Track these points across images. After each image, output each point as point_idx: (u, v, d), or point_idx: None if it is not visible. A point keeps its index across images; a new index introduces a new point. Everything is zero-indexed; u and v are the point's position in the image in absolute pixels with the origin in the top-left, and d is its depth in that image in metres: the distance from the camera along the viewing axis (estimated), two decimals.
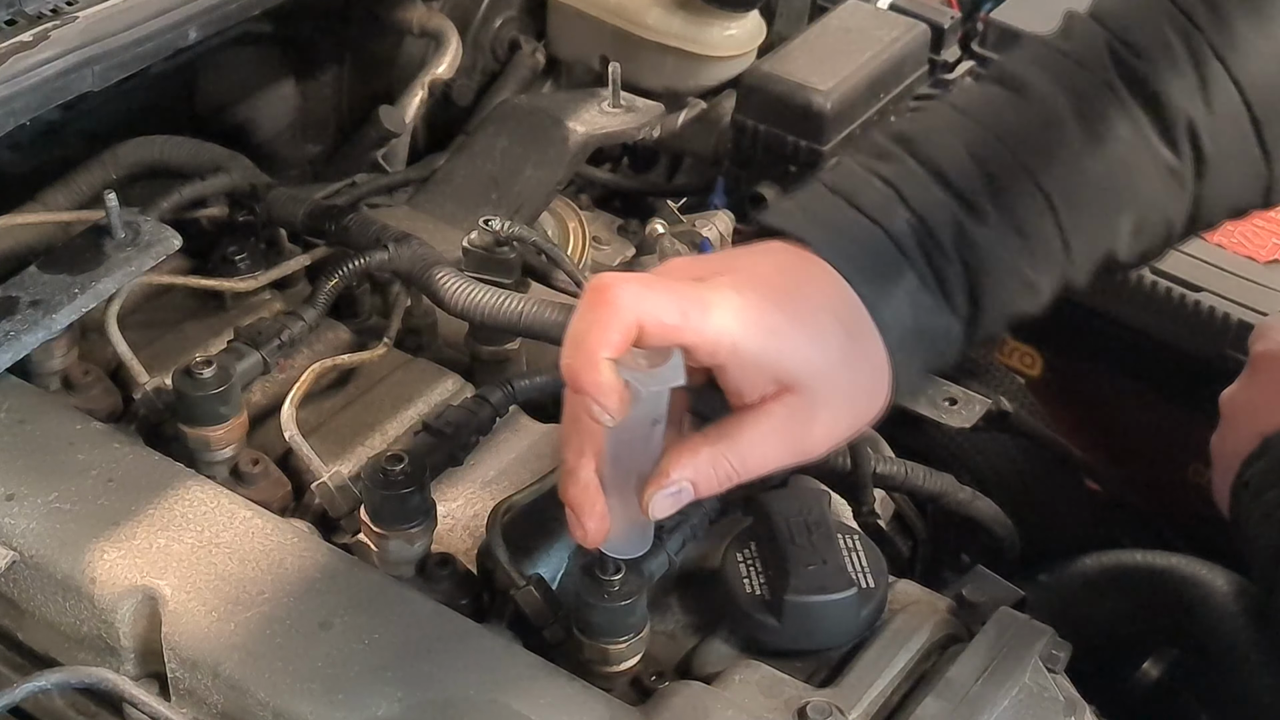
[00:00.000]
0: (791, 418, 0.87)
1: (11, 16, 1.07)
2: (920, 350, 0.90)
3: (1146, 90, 0.93)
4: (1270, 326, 1.12)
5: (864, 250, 0.89)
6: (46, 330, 1.03)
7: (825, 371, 0.87)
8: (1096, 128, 0.93)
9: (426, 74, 1.49)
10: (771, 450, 0.88)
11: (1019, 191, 0.91)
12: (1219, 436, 1.09)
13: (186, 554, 0.93)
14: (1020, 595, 0.97)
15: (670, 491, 0.87)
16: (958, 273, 0.90)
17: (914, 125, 0.96)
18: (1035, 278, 0.92)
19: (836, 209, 0.91)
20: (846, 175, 0.93)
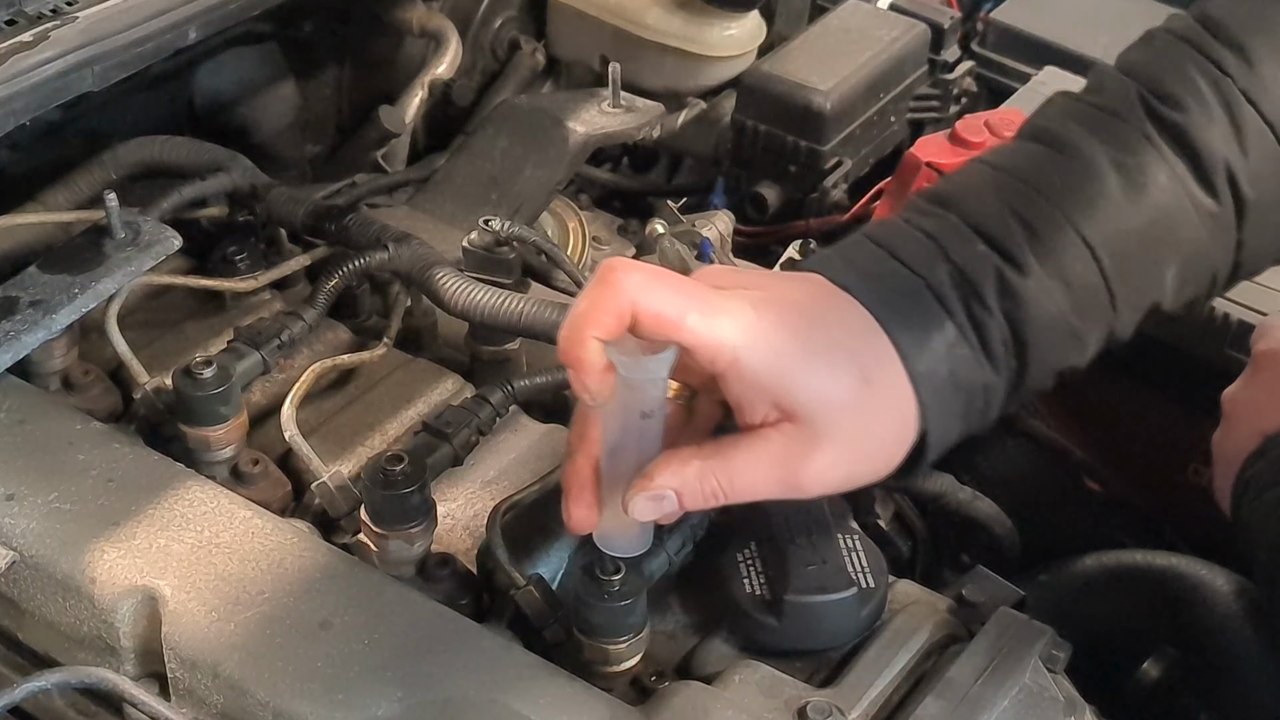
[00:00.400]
0: (788, 449, 0.86)
1: (11, 16, 1.07)
2: (958, 405, 0.89)
3: (1183, 138, 0.92)
4: (1272, 325, 1.12)
5: (903, 299, 0.88)
6: (46, 330, 1.03)
7: (831, 409, 0.86)
8: (1136, 178, 0.92)
9: (426, 74, 1.49)
10: (762, 477, 0.87)
11: (1062, 244, 0.90)
12: (1220, 435, 1.09)
13: (186, 554, 0.93)
14: (1020, 595, 0.97)
15: (652, 495, 0.86)
16: (1000, 325, 0.89)
17: (952, 184, 0.96)
18: (1081, 329, 0.92)
19: (877, 259, 0.90)
20: (888, 228, 0.93)
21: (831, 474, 0.88)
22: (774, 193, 1.52)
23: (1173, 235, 0.93)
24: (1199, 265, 0.95)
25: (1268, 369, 1.09)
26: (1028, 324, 0.89)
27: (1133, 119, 0.94)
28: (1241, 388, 1.10)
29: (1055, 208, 0.91)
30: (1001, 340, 0.89)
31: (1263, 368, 1.10)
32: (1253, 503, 1.02)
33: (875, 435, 0.88)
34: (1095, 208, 0.91)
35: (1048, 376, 0.93)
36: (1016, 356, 0.90)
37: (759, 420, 0.86)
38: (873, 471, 0.89)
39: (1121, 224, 0.92)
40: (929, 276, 0.89)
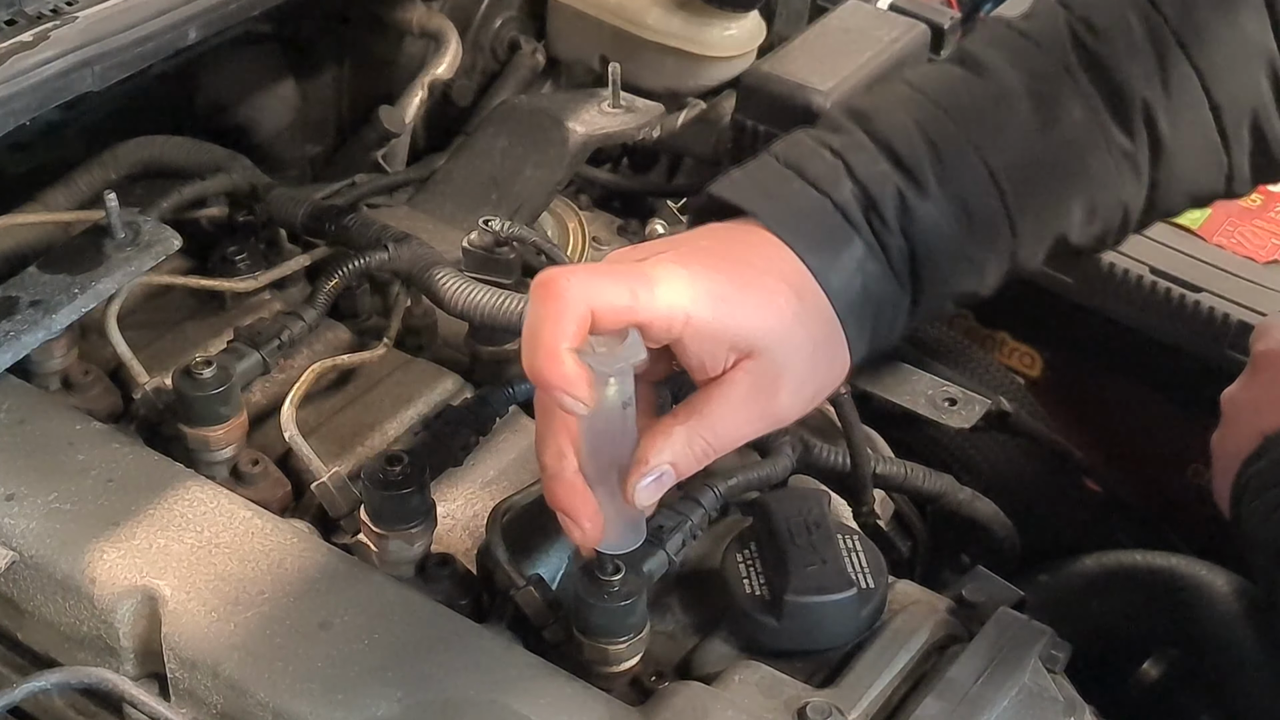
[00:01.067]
0: (756, 384, 0.87)
1: (11, 16, 1.07)
2: (869, 318, 0.90)
3: (1103, 73, 0.93)
4: (1271, 326, 1.12)
5: (810, 220, 0.89)
6: (46, 330, 1.03)
7: (781, 333, 0.87)
8: (1050, 109, 0.93)
9: (426, 74, 1.49)
10: (742, 419, 0.88)
11: (964, 166, 0.91)
12: (1220, 436, 1.09)
13: (186, 554, 0.93)
14: (1020, 595, 0.97)
15: (652, 478, 0.87)
16: (899, 244, 0.90)
17: (868, 101, 0.97)
18: (978, 255, 0.93)
19: (784, 180, 0.91)
20: (795, 147, 0.94)
21: (801, 394, 0.89)
22: None
23: (1082, 170, 0.93)
24: (1108, 201, 0.95)
25: (1267, 369, 1.09)
26: (923, 244, 0.90)
27: (1057, 49, 0.94)
28: (1240, 388, 1.10)
29: (962, 132, 0.92)
30: (900, 259, 0.90)
31: (1262, 368, 1.10)
32: (1252, 503, 1.02)
33: (821, 347, 0.89)
34: (1002, 135, 0.92)
35: (944, 299, 0.94)
36: (912, 276, 0.91)
37: (720, 368, 0.87)
38: (832, 380, 0.91)
39: (1028, 153, 0.92)
40: (834, 195, 0.90)
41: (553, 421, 0.87)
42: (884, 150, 0.91)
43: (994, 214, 0.92)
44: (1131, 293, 1.29)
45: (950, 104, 0.93)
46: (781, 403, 0.88)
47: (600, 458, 0.88)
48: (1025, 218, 0.93)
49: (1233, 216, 1.35)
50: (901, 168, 0.91)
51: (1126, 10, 0.95)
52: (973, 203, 0.91)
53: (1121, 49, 0.94)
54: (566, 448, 0.87)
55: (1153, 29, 0.94)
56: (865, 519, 1.09)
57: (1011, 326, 1.38)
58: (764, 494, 1.01)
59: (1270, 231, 1.33)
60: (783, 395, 0.88)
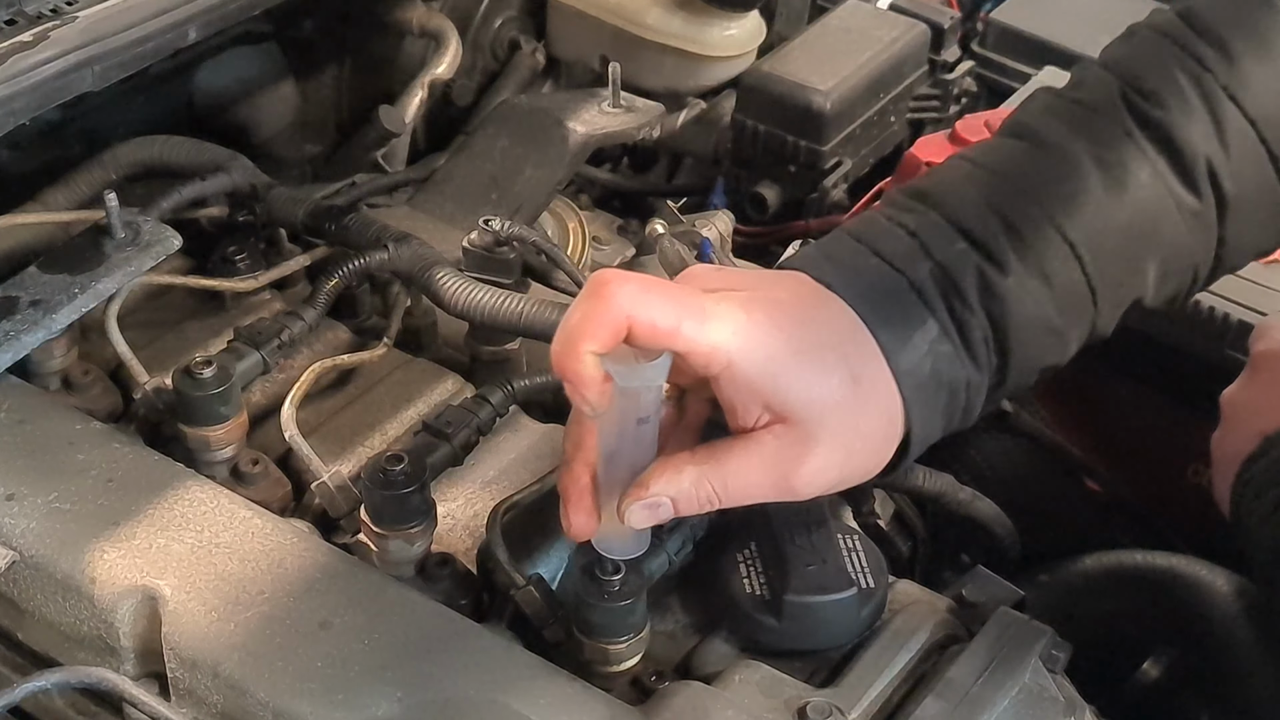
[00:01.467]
0: (781, 451, 0.86)
1: (11, 16, 1.07)
2: (940, 401, 0.89)
3: (1163, 134, 0.93)
4: (1271, 326, 1.12)
5: (885, 296, 0.88)
6: (46, 330, 1.03)
7: (823, 410, 0.86)
8: (1117, 174, 0.92)
9: (426, 74, 1.49)
10: (756, 481, 0.87)
11: (1043, 241, 0.90)
12: (1219, 436, 1.09)
13: (186, 554, 0.93)
14: (1020, 595, 0.97)
15: (648, 504, 0.87)
16: (981, 324, 0.89)
17: (932, 180, 0.96)
18: (1062, 327, 0.92)
19: (859, 255, 0.90)
20: (870, 224, 0.93)
21: (824, 476, 0.88)
22: (774, 193, 1.52)
23: (1154, 232, 0.93)
24: (1180, 261, 0.95)
25: (1266, 370, 1.09)
26: (1009, 322, 0.90)
27: (1114, 115, 0.94)
28: (1240, 389, 1.10)
29: (1036, 205, 0.91)
30: (983, 338, 0.89)
31: (1261, 368, 1.10)
32: (1252, 503, 1.02)
33: (864, 434, 0.88)
34: (1077, 205, 0.92)
35: (1030, 374, 0.93)
36: (998, 354, 0.90)
37: (752, 422, 0.87)
38: (863, 470, 0.90)
39: (1103, 221, 0.92)
40: (910, 274, 0.89)
41: (577, 414, 0.88)
42: (958, 229, 0.91)
43: (1075, 283, 0.91)
44: None
45: (1018, 178, 0.93)
46: (801, 476, 0.87)
47: (613, 465, 0.88)
48: (1105, 286, 0.92)
49: None
50: (978, 246, 0.90)
51: (1174, 70, 0.94)
52: (1056, 277, 0.91)
53: (1176, 110, 0.93)
54: (586, 441, 0.88)
55: (1203, 86, 0.94)
56: (865, 519, 1.09)
57: None
58: None
59: None
60: (805, 470, 0.87)
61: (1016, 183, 0.93)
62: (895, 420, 0.88)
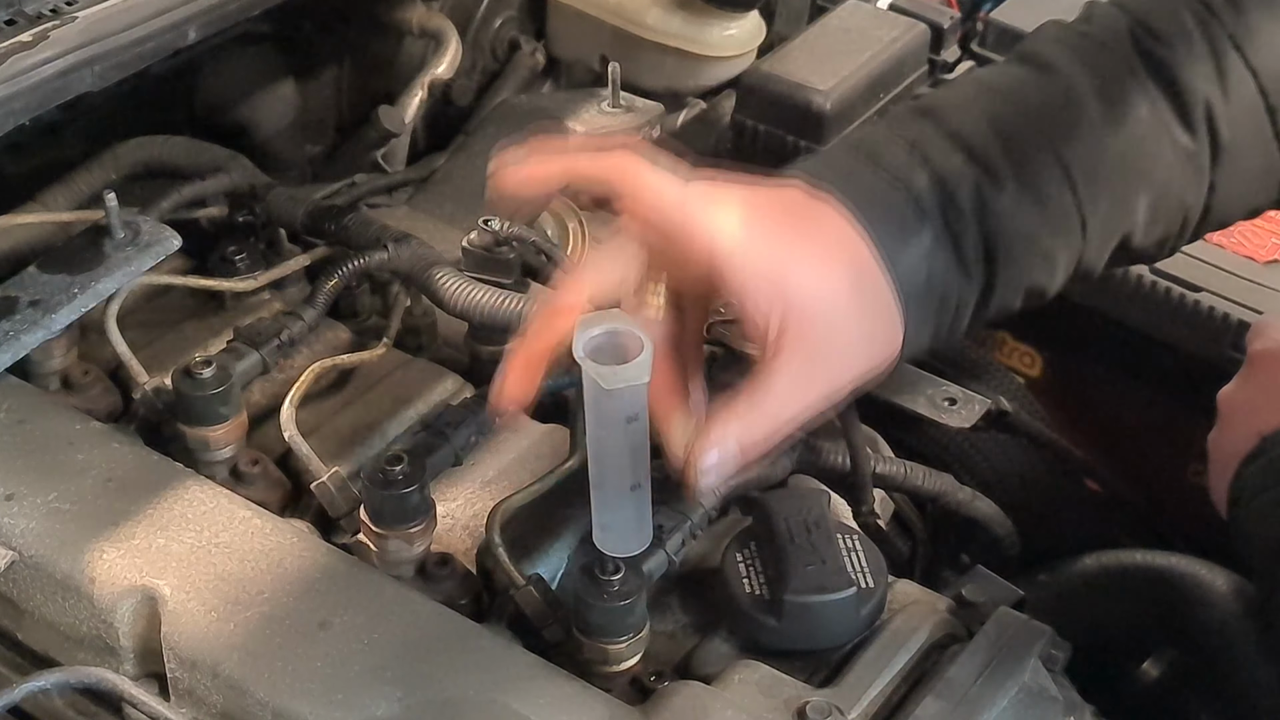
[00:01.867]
0: (811, 359, 0.86)
1: (11, 16, 1.07)
2: (932, 309, 0.91)
3: (1166, 73, 0.94)
4: (1267, 324, 1.12)
5: (883, 204, 0.89)
6: (46, 330, 1.03)
7: (833, 306, 0.87)
8: (1117, 106, 0.94)
9: (426, 74, 1.49)
10: (802, 392, 0.87)
11: (1039, 162, 0.92)
12: (1216, 435, 1.09)
13: (186, 554, 0.93)
14: (1020, 595, 0.97)
15: (715, 459, 0.85)
16: (974, 236, 0.90)
17: (938, 97, 0.98)
18: (1051, 248, 0.93)
19: (859, 163, 0.92)
20: (871, 135, 0.94)
21: (854, 366, 0.88)
22: None
23: (1147, 167, 0.94)
24: (1171, 201, 0.96)
25: (1263, 369, 1.09)
26: (999, 236, 0.91)
27: (1120, 50, 0.96)
28: (1237, 388, 1.10)
29: (1035, 127, 0.93)
30: (974, 250, 0.91)
31: (1258, 368, 1.10)
32: (1250, 504, 1.02)
33: (873, 328, 0.89)
34: (1074, 131, 0.93)
35: (1015, 293, 0.94)
36: (986, 268, 0.91)
37: (765, 324, 0.86)
38: (880, 365, 0.90)
39: (1098, 149, 0.93)
40: (908, 183, 0.90)
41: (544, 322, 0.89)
42: (959, 144, 0.92)
43: (1067, 207, 0.93)
44: (1131, 292, 1.29)
45: (1021, 101, 0.94)
46: (837, 372, 0.88)
47: (604, 465, 0.88)
48: (1095, 213, 0.94)
49: None
50: (976, 161, 0.91)
51: (1183, 13, 0.96)
52: (1047, 195, 0.92)
53: (1181, 51, 0.95)
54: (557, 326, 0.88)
55: (1209, 31, 0.95)
56: (865, 519, 1.09)
57: (1011, 326, 1.38)
58: (764, 493, 1.00)
59: (1270, 231, 1.33)
60: (836, 365, 0.87)
61: (1018, 105, 0.94)
62: (895, 323, 0.89)
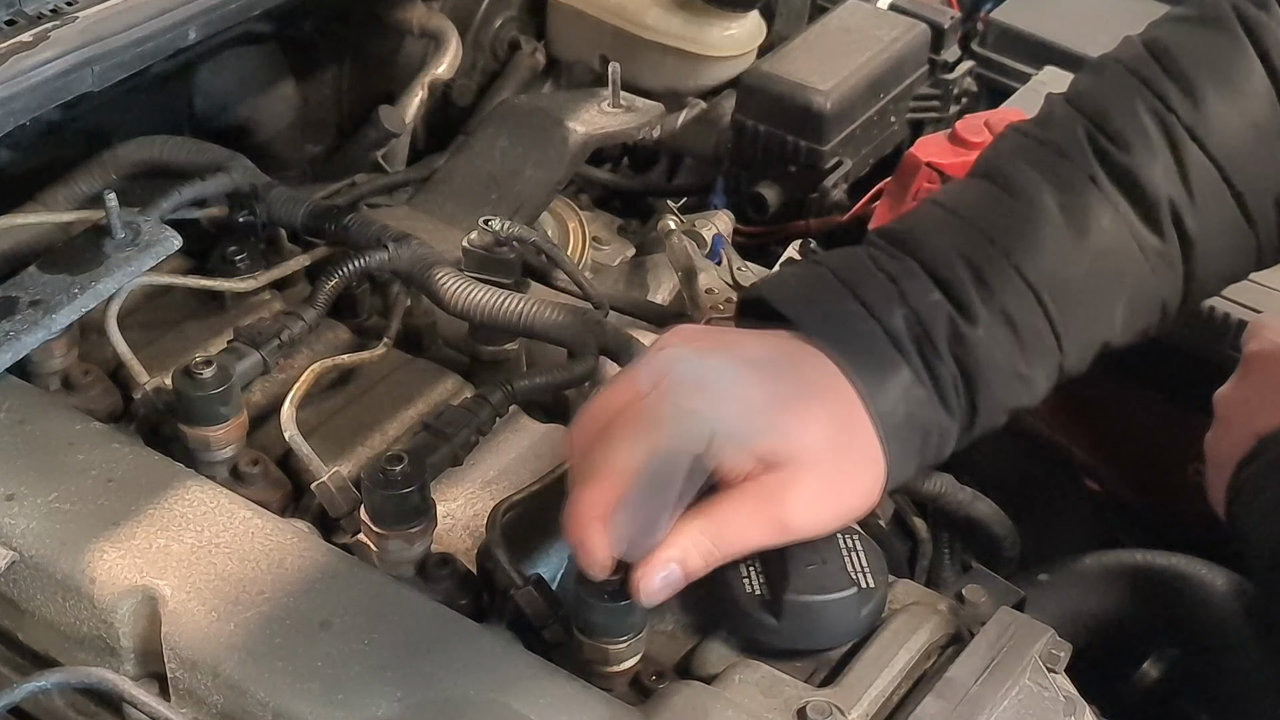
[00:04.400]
0: (770, 493, 0.88)
1: (11, 16, 1.07)
2: (914, 443, 0.93)
3: (1127, 178, 0.96)
4: (1263, 325, 1.12)
5: (862, 343, 0.92)
6: (46, 330, 1.03)
7: (807, 452, 0.88)
8: (1080, 220, 0.95)
9: (426, 74, 1.49)
10: (748, 524, 0.89)
11: (1009, 289, 0.94)
12: (1213, 437, 1.09)
13: (186, 554, 0.93)
14: (1020, 595, 0.97)
15: (661, 574, 0.87)
16: (951, 371, 0.93)
17: (908, 226, 0.99)
18: (1028, 372, 0.95)
19: (839, 298, 0.94)
20: (853, 265, 0.96)
21: (815, 512, 0.90)
22: (774, 193, 1.52)
23: (1118, 274, 0.96)
24: (1147, 300, 0.98)
25: (1259, 370, 1.09)
26: (977, 370, 0.93)
27: (1079, 158, 0.97)
28: (1233, 389, 1.10)
29: (1001, 253, 0.94)
30: (953, 384, 0.93)
31: (1254, 369, 1.10)
32: (1248, 505, 1.02)
33: (850, 474, 0.91)
34: (1039, 251, 0.95)
35: (998, 415, 0.96)
36: (968, 399, 0.94)
37: (742, 475, 0.88)
38: (852, 510, 0.92)
39: (1065, 266, 0.95)
40: (886, 321, 0.92)
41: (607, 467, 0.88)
42: (933, 278, 0.94)
43: (1040, 330, 0.95)
44: None
45: (985, 225, 0.96)
46: (793, 514, 0.89)
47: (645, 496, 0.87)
48: (1070, 330, 0.95)
49: None
50: (950, 295, 0.93)
51: (1140, 110, 0.97)
52: (1020, 322, 0.94)
53: (1140, 153, 0.96)
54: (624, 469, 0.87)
55: (1166, 126, 0.96)
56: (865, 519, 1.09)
57: None
58: None
59: None
60: (794, 507, 0.88)
61: (982, 229, 0.95)
62: (877, 460, 0.91)
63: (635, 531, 0.87)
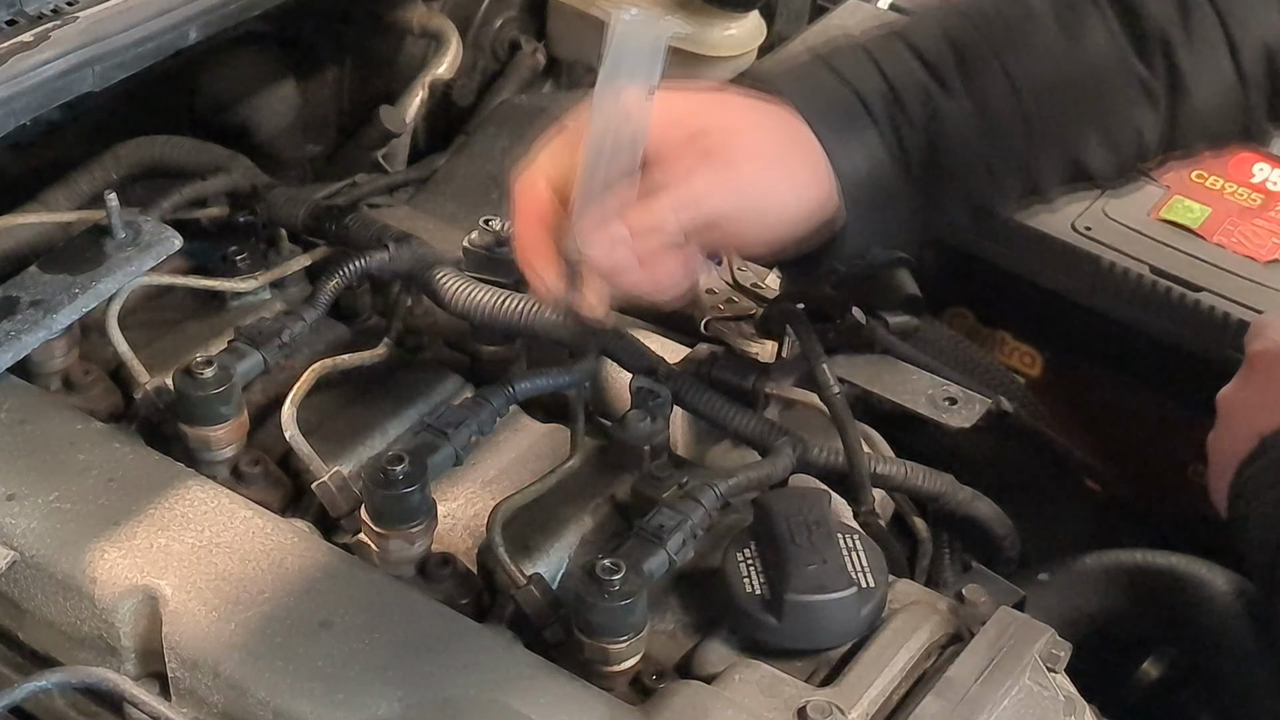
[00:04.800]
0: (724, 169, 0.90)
1: (12, 16, 1.07)
2: (875, 207, 0.95)
3: (1127, 5, 0.97)
4: (1266, 325, 1.12)
5: (831, 104, 0.94)
6: (47, 330, 1.04)
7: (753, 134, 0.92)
8: (1073, 30, 0.96)
9: (426, 74, 1.49)
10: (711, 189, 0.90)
11: (987, 72, 0.96)
12: (1215, 436, 1.09)
13: (187, 554, 0.93)
14: (1020, 595, 0.97)
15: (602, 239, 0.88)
16: (919, 140, 0.94)
17: (905, 17, 1.03)
18: (996, 163, 0.96)
19: (815, 67, 0.97)
20: (832, 44, 0.99)
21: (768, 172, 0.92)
22: None
23: (1099, 93, 0.97)
24: (1125, 129, 0.98)
25: (1262, 370, 1.09)
26: (946, 144, 0.95)
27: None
28: (1235, 389, 1.10)
29: (987, 41, 0.97)
30: (919, 155, 0.95)
31: (1257, 368, 1.10)
32: (1250, 504, 1.02)
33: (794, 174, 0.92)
34: (1026, 49, 0.96)
35: (960, 204, 0.98)
36: (933, 175, 0.96)
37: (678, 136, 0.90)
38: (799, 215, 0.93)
39: (1049, 70, 0.96)
40: (860, 87, 0.95)
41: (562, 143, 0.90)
42: (913, 52, 0.96)
43: (1012, 122, 0.96)
44: (1131, 292, 1.29)
45: (978, 16, 0.97)
46: (748, 191, 0.91)
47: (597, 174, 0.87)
48: (1042, 133, 0.96)
49: (1233, 216, 1.35)
50: (929, 69, 0.95)
51: None
52: (993, 108, 0.95)
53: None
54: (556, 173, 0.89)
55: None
56: (865, 519, 1.09)
57: (1011, 326, 1.38)
58: (764, 493, 1.01)
59: (1270, 231, 1.33)
60: (748, 185, 0.91)
61: (975, 21, 0.97)
62: (821, 180, 0.93)
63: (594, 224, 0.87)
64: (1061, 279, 1.32)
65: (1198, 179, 1.39)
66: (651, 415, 1.05)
